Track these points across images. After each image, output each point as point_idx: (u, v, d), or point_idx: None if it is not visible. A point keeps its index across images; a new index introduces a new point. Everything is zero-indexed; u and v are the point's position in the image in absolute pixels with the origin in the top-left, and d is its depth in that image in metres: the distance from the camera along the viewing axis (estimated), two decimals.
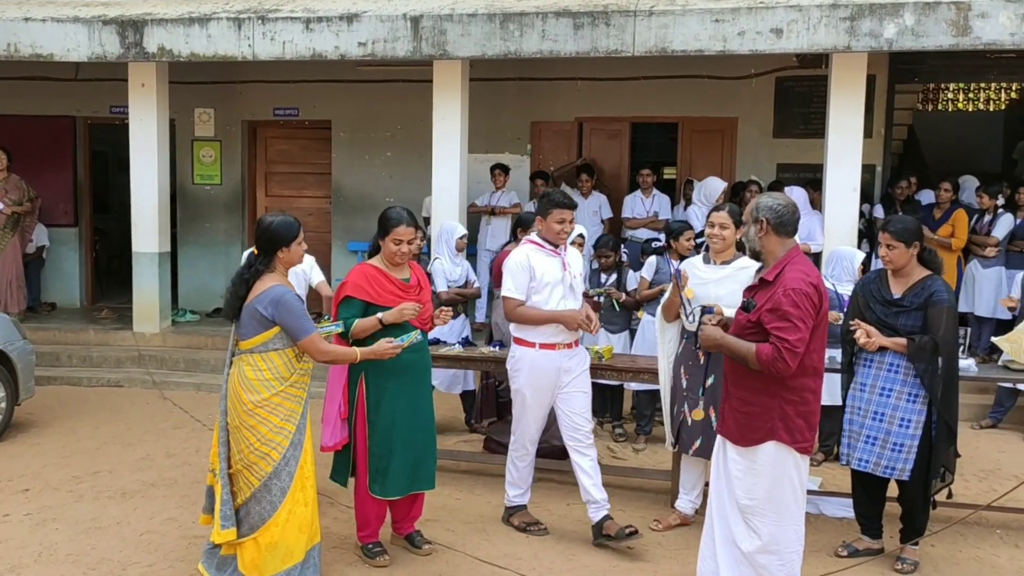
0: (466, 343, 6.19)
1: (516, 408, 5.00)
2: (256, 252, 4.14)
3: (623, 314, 6.84)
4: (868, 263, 7.02)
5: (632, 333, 6.91)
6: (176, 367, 8.75)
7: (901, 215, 6.18)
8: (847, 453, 4.72)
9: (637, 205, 9.20)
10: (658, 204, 9.17)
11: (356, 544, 4.74)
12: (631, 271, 6.98)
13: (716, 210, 5.15)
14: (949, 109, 15.42)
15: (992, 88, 15.03)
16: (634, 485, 5.78)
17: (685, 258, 5.95)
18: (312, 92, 10.33)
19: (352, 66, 9.37)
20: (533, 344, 4.84)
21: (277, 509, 4.06)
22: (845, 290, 5.81)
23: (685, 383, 5.06)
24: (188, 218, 10.85)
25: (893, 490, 4.77)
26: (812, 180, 8.63)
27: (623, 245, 8.10)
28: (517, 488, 5.12)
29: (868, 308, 4.67)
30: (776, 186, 8.58)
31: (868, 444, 4.60)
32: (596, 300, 6.62)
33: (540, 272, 4.80)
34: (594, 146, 10.30)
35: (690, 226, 6.66)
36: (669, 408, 5.21)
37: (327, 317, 4.63)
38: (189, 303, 10.45)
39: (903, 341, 4.50)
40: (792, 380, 3.76)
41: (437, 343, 6.09)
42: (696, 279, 4.98)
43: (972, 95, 15.37)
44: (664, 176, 10.56)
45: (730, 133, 9.93)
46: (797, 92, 9.62)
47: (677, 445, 5.16)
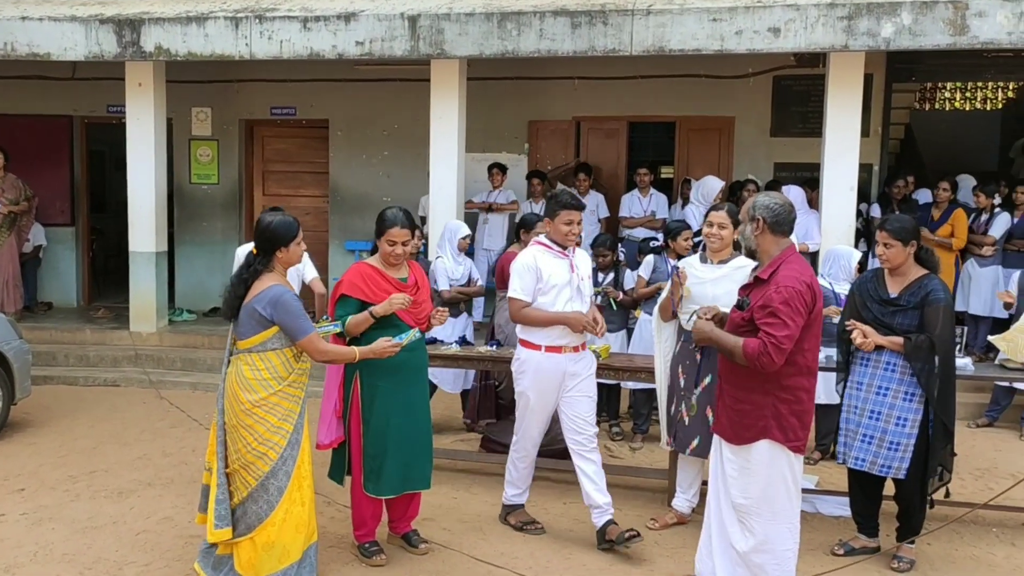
0: (463, 342, 6.19)
1: (520, 410, 4.97)
2: (255, 252, 4.14)
3: (620, 313, 6.84)
4: (865, 262, 7.02)
5: (629, 332, 6.91)
6: (173, 366, 8.75)
7: (898, 214, 6.16)
8: (843, 452, 4.72)
9: (634, 204, 9.19)
10: (655, 203, 9.16)
11: (353, 543, 4.73)
12: (628, 270, 6.98)
13: (715, 209, 5.14)
14: (946, 108, 15.41)
15: (989, 87, 15.03)
16: (631, 484, 5.78)
17: (682, 257, 5.95)
18: (309, 91, 10.33)
19: (349, 65, 9.37)
20: (539, 347, 4.80)
21: (274, 509, 4.06)
22: (842, 289, 5.81)
23: (682, 382, 5.06)
24: (185, 217, 10.84)
25: (889, 489, 4.77)
26: (809, 179, 8.62)
27: (620, 244, 8.09)
28: (516, 488, 5.11)
29: (865, 307, 4.67)
30: (773, 185, 8.57)
31: (865, 443, 4.59)
32: (593, 299, 6.60)
33: (547, 273, 4.76)
34: (591, 145, 10.30)
35: (688, 226, 6.66)
36: (665, 407, 5.21)
37: (326, 317, 4.63)
38: (186, 302, 10.43)
39: (900, 340, 4.49)
40: (786, 379, 3.77)
41: (435, 342, 6.09)
42: (693, 278, 4.98)
43: (969, 94, 15.37)
44: (661, 175, 10.54)
45: (727, 132, 9.93)
46: (795, 91, 9.62)
47: (673, 444, 5.16)
